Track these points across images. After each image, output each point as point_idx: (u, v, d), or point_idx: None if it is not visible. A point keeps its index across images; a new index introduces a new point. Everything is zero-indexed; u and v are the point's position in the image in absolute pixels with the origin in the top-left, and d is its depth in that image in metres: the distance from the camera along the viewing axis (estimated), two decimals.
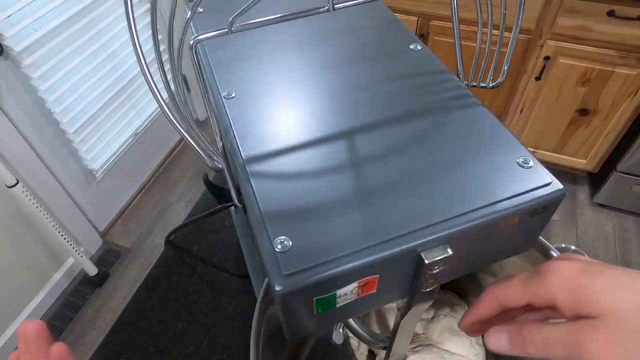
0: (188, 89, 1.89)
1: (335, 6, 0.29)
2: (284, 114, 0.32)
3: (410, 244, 0.25)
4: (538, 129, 1.69)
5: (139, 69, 1.47)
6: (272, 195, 0.27)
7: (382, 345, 0.39)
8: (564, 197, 0.27)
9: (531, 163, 0.28)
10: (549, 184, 0.27)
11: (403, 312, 0.32)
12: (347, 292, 0.26)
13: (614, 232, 1.69)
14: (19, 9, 1.12)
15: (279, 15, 0.28)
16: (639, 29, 1.32)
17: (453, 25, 0.32)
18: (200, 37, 0.27)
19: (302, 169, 0.29)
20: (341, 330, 0.49)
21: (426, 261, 0.25)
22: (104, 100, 1.47)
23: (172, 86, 0.27)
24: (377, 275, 0.26)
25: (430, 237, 0.25)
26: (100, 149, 1.52)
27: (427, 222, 0.25)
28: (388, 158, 0.29)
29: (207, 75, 0.36)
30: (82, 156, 1.46)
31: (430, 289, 0.28)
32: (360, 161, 0.29)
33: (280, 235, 0.25)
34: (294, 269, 0.24)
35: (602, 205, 1.78)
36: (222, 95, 0.34)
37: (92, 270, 1.54)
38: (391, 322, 0.49)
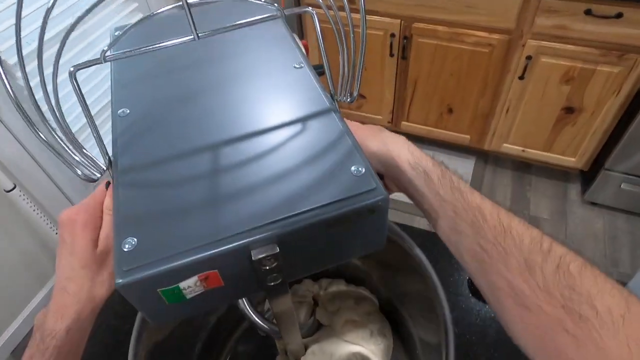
0: None
1: (199, 35, 0.33)
2: (165, 130, 0.37)
3: (239, 243, 0.28)
4: (526, 128, 1.69)
5: None
6: (134, 201, 0.31)
7: (279, 336, 0.43)
8: (387, 201, 0.30)
9: (363, 171, 0.31)
10: (373, 190, 0.30)
11: (270, 305, 0.35)
12: (190, 285, 0.30)
13: (604, 230, 1.68)
14: (12, 25, 1.19)
15: (150, 45, 0.32)
16: (618, 27, 1.32)
17: (320, 51, 0.36)
18: (79, 65, 0.32)
19: (166, 178, 0.33)
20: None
21: (253, 258, 0.29)
22: (97, 107, 1.54)
23: (45, 107, 0.31)
24: (216, 270, 0.29)
25: (258, 237, 0.29)
26: (96, 154, 1.58)
27: (256, 223, 0.29)
28: (241, 166, 0.33)
29: (110, 94, 0.41)
30: None
31: (275, 283, 0.32)
32: (217, 170, 0.33)
33: (130, 236, 0.29)
34: (133, 265, 0.28)
35: (593, 204, 1.77)
36: (118, 113, 0.38)
37: None
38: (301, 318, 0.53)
